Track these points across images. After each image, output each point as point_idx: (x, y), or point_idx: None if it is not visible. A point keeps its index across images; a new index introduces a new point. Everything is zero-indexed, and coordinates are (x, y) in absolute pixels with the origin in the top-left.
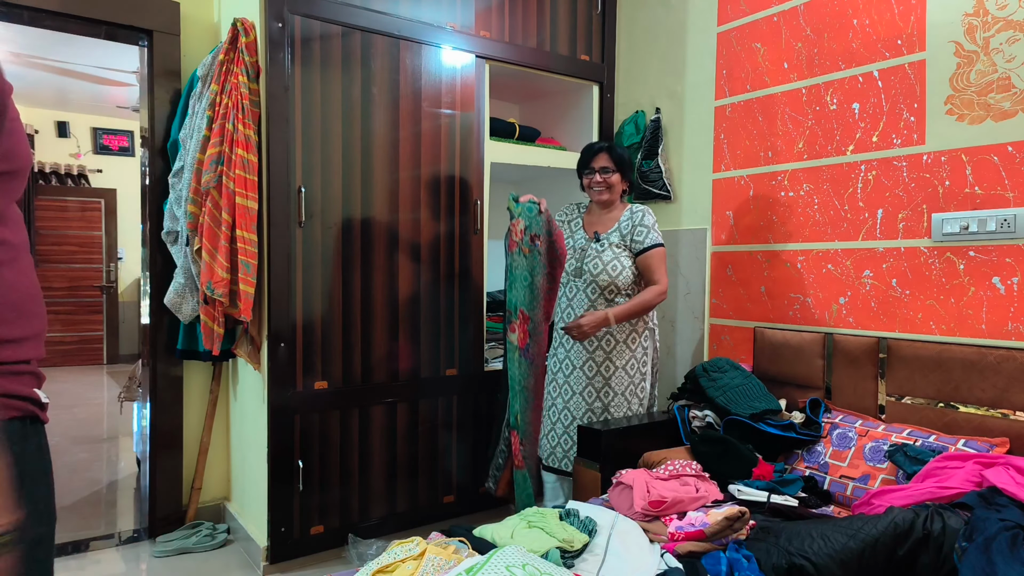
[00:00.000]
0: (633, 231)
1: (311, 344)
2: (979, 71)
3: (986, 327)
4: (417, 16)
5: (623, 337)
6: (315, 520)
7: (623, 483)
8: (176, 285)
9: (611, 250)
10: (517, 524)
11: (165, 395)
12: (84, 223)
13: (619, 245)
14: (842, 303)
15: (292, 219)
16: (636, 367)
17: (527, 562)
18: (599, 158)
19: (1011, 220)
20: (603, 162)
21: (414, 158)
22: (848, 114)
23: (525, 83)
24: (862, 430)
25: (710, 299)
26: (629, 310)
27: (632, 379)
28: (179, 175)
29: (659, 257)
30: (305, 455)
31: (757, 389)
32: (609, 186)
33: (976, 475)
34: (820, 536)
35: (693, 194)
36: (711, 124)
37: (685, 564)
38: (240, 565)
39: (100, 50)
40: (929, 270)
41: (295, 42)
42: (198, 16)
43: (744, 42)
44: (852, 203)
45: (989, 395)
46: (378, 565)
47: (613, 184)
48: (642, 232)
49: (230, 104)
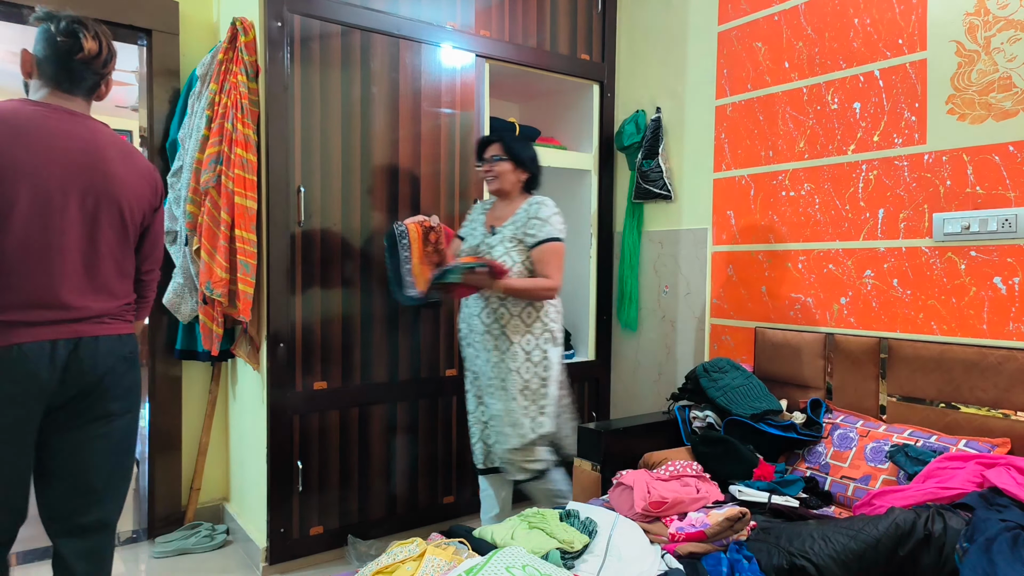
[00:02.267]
0: (527, 224)
1: (310, 344)
2: (980, 70)
3: (987, 327)
4: (417, 15)
5: (516, 339)
6: (314, 521)
7: (623, 484)
8: (175, 285)
9: (503, 244)
10: (517, 525)
11: (164, 395)
12: None
13: (512, 239)
14: (843, 303)
15: (291, 219)
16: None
17: (527, 563)
18: (490, 148)
19: (1012, 220)
20: (493, 151)
21: (414, 158)
22: (849, 113)
23: (525, 82)
24: (863, 430)
25: (711, 299)
26: (518, 286)
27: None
28: (178, 175)
29: (550, 252)
30: (304, 456)
31: (758, 389)
32: (497, 175)
33: (977, 476)
34: (821, 537)
35: (694, 194)
36: (712, 123)
37: (686, 565)
38: (239, 566)
39: None
40: (930, 270)
41: (294, 41)
42: (197, 15)
43: (745, 41)
44: (853, 203)
45: (990, 395)
46: (378, 566)
47: (501, 173)
48: (535, 225)
49: (229, 103)
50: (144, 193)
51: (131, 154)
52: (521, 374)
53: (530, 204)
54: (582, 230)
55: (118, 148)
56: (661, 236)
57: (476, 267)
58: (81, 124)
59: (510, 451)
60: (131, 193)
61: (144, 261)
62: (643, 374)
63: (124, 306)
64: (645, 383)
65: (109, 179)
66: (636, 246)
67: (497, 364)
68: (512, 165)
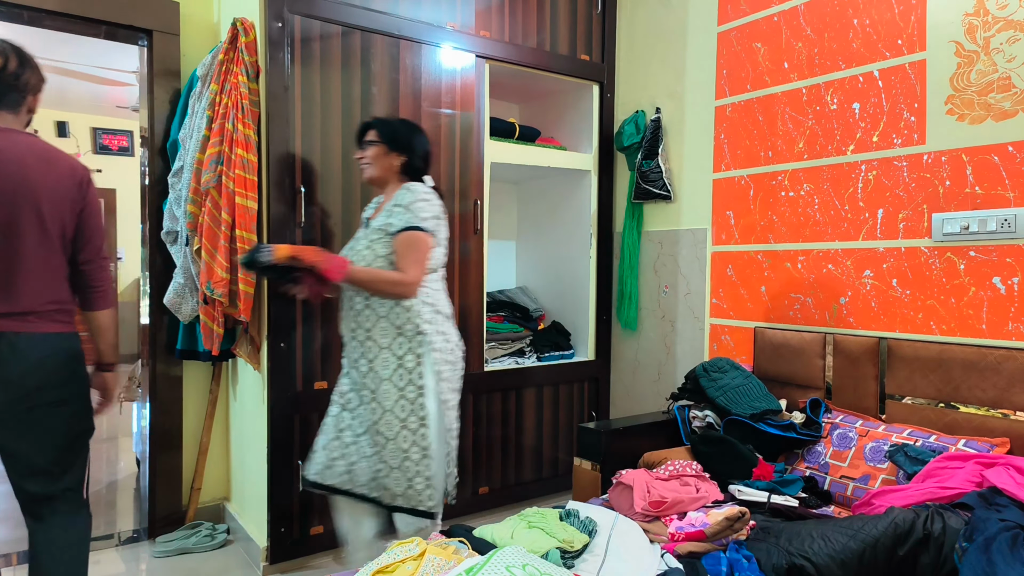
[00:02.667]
0: (391, 213)
1: (311, 344)
2: (979, 71)
3: (986, 327)
4: (417, 16)
5: (385, 344)
6: (315, 520)
7: (623, 483)
8: (175, 285)
9: (367, 237)
10: (517, 524)
11: (165, 395)
12: None
13: (378, 230)
14: (842, 303)
15: (292, 219)
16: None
17: (527, 562)
18: (368, 133)
19: (1011, 220)
20: (369, 136)
21: None
22: (848, 114)
23: (525, 83)
24: (862, 430)
25: (710, 299)
26: (361, 277)
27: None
28: (179, 175)
29: (407, 242)
30: (305, 455)
31: (757, 389)
32: (370, 160)
33: (976, 475)
34: (820, 536)
35: (693, 194)
36: (711, 124)
37: (685, 564)
38: (240, 565)
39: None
40: (929, 270)
41: (295, 42)
42: (198, 16)
43: (744, 42)
44: (852, 203)
45: (990, 395)
46: (378, 566)
47: (374, 158)
48: (396, 213)
49: (230, 104)
50: (65, 194)
51: (51, 159)
52: (395, 383)
53: (399, 193)
54: (582, 230)
55: (36, 155)
56: (661, 236)
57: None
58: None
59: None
60: (50, 196)
61: (79, 252)
62: (643, 374)
63: (50, 304)
64: (645, 383)
65: (24, 186)
66: (636, 246)
67: (367, 374)
68: (385, 148)
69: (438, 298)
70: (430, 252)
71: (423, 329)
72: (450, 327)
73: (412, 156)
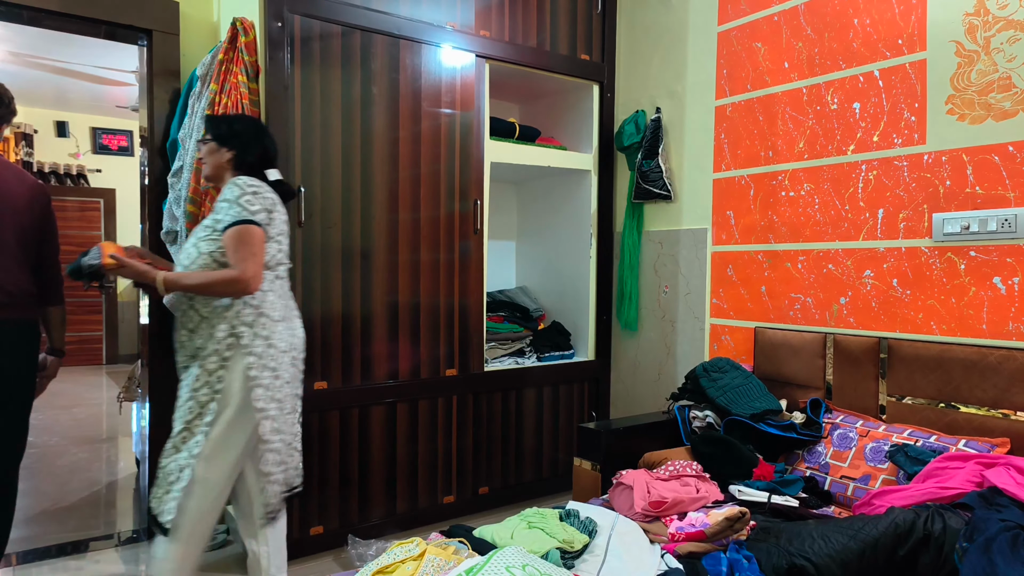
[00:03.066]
0: (218, 209)
1: (310, 344)
2: (980, 71)
3: (987, 327)
4: (417, 16)
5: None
6: (314, 521)
7: (623, 483)
8: None
9: (195, 235)
10: (517, 525)
11: (164, 395)
12: (83, 223)
13: (207, 227)
14: (843, 303)
15: (292, 219)
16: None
17: (527, 563)
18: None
19: (1012, 220)
20: (203, 135)
21: (414, 158)
22: (849, 114)
23: (525, 83)
24: (863, 430)
25: (710, 299)
26: (193, 280)
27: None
28: (178, 175)
29: (237, 237)
30: (304, 455)
31: (757, 389)
32: (205, 158)
33: (977, 475)
34: (821, 536)
35: (693, 194)
36: (711, 124)
37: (685, 565)
38: (240, 565)
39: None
40: (930, 270)
41: (295, 42)
42: (197, 15)
43: (744, 42)
44: (853, 203)
45: (990, 395)
46: (378, 566)
47: (207, 155)
48: (221, 209)
49: (229, 104)
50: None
51: (22, 175)
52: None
53: (227, 186)
54: (582, 230)
55: (12, 171)
56: (661, 236)
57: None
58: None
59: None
60: (23, 204)
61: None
62: (643, 374)
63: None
64: (645, 383)
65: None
66: (636, 246)
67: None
68: (215, 145)
69: (266, 299)
70: (264, 246)
71: (238, 331)
72: (280, 331)
73: (242, 150)
